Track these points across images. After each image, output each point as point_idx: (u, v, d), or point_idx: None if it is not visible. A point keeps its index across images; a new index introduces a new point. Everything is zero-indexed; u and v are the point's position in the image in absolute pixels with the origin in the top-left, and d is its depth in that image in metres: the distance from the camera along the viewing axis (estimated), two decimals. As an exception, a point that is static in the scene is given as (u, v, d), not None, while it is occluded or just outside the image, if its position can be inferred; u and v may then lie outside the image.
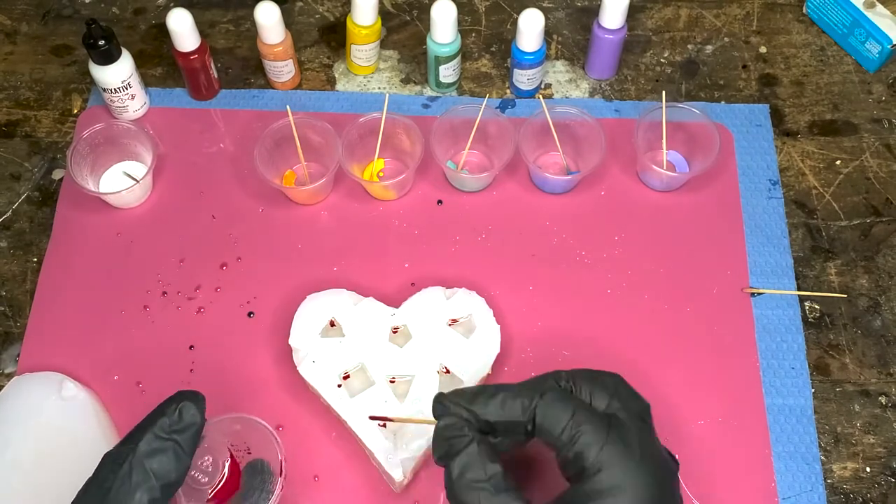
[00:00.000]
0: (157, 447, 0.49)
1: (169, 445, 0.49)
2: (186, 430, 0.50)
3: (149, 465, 0.48)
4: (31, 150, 0.84)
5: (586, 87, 0.87)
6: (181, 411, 0.50)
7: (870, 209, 0.80)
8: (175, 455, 0.49)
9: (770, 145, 0.83)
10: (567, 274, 0.76)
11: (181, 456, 0.50)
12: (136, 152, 0.80)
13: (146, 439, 0.49)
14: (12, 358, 0.73)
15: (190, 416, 0.51)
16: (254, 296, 0.75)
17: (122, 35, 0.89)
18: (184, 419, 0.50)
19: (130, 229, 0.78)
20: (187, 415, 0.50)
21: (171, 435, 0.50)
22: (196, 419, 0.51)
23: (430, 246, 0.77)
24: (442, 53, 0.81)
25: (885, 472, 0.68)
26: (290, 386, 0.70)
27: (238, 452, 0.60)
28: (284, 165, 0.80)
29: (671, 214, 0.79)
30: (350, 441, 0.68)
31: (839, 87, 0.87)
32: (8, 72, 0.89)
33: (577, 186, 0.80)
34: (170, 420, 0.50)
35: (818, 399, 0.71)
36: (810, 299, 0.75)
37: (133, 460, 0.48)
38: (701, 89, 0.87)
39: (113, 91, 0.80)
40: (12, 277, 0.77)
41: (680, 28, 0.91)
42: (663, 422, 0.69)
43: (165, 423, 0.50)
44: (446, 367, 0.67)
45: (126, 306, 0.74)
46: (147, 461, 0.49)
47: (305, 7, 0.93)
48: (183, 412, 0.50)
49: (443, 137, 0.78)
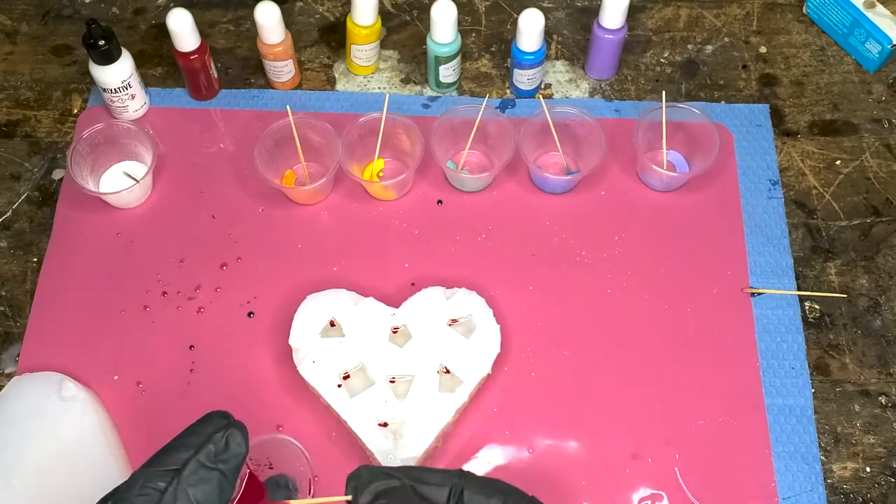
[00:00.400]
0: (203, 476, 0.47)
1: (214, 476, 0.48)
2: (231, 461, 0.48)
3: (193, 493, 0.47)
4: (31, 150, 0.84)
5: (586, 87, 0.87)
6: (228, 441, 0.49)
7: (870, 209, 0.80)
8: (219, 485, 0.48)
9: (770, 145, 0.83)
10: (567, 274, 0.76)
11: (224, 486, 0.48)
12: (136, 152, 0.80)
13: (191, 467, 0.47)
14: (12, 358, 0.73)
15: (236, 446, 0.49)
16: (254, 296, 0.75)
17: (122, 35, 0.89)
18: (230, 449, 0.49)
19: (130, 229, 0.78)
20: (234, 444, 0.49)
21: (216, 465, 0.48)
22: (242, 449, 0.49)
23: (430, 246, 0.77)
24: (442, 53, 0.81)
25: (885, 472, 0.68)
26: (290, 386, 0.70)
27: (258, 467, 0.59)
28: (284, 165, 0.80)
29: (671, 214, 0.79)
30: (350, 441, 0.68)
31: (839, 87, 0.87)
32: (8, 72, 0.89)
33: (577, 186, 0.80)
34: (216, 448, 0.48)
35: (818, 399, 0.71)
36: (810, 299, 0.75)
37: (178, 488, 0.47)
38: (701, 89, 0.87)
39: (113, 91, 0.80)
40: (12, 277, 0.77)
41: (680, 28, 0.91)
42: (663, 422, 0.69)
43: (212, 451, 0.48)
44: (446, 367, 0.67)
45: (126, 306, 0.74)
46: (191, 490, 0.47)
47: (305, 7, 0.93)
48: (230, 441, 0.49)
49: (443, 137, 0.78)
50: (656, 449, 0.68)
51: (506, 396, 0.70)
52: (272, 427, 0.69)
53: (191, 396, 0.70)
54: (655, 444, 0.68)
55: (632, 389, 0.70)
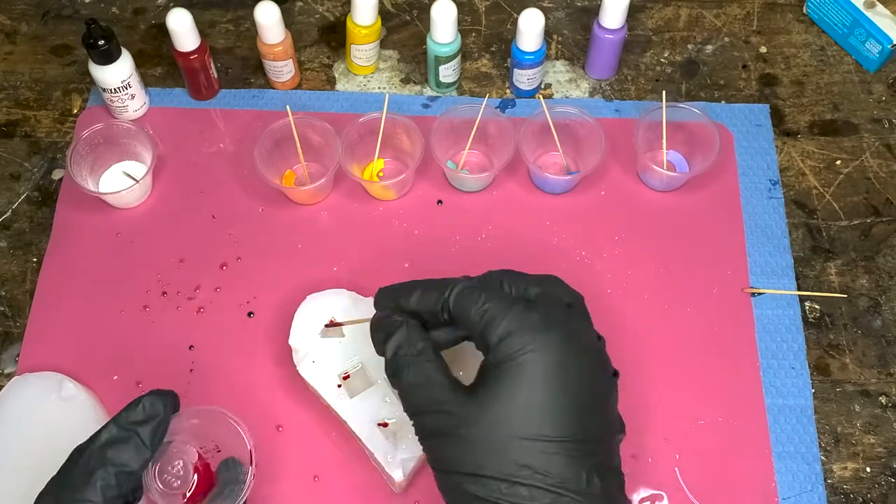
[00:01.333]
0: (118, 436, 0.51)
1: (129, 436, 0.51)
2: (148, 423, 0.52)
3: (108, 453, 0.50)
4: (30, 150, 0.84)
5: (586, 87, 0.87)
6: (144, 405, 0.52)
7: (870, 209, 0.80)
8: (135, 446, 0.51)
9: (770, 145, 0.83)
10: (567, 274, 0.75)
11: (140, 448, 0.51)
12: (136, 152, 0.80)
13: (107, 429, 0.52)
14: (12, 358, 0.73)
15: (152, 409, 0.52)
16: (254, 296, 0.75)
17: (121, 35, 0.89)
18: (146, 411, 0.52)
19: (130, 229, 0.78)
20: (150, 408, 0.52)
21: (131, 426, 0.52)
22: (158, 412, 0.53)
23: (430, 246, 0.77)
24: (442, 53, 0.81)
25: (886, 472, 0.68)
26: (290, 386, 0.70)
27: (207, 453, 0.60)
28: (284, 165, 0.80)
29: (671, 214, 0.79)
30: (350, 441, 0.68)
31: (839, 87, 0.87)
32: (8, 72, 0.89)
33: (577, 186, 0.80)
34: (132, 413, 0.52)
35: (818, 399, 0.71)
36: (810, 299, 0.75)
37: (93, 448, 0.51)
38: (701, 89, 0.87)
39: (113, 91, 0.80)
40: (12, 277, 0.77)
41: (680, 28, 0.91)
42: (663, 422, 0.69)
43: (127, 415, 0.52)
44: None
45: (126, 306, 0.74)
46: (106, 450, 0.51)
47: (305, 7, 0.93)
48: (146, 405, 0.52)
49: (443, 137, 0.78)
50: (656, 449, 0.68)
51: (506, 396, 0.70)
52: (272, 427, 0.69)
53: (191, 396, 0.70)
54: (655, 443, 0.68)
55: (632, 389, 0.70)
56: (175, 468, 0.56)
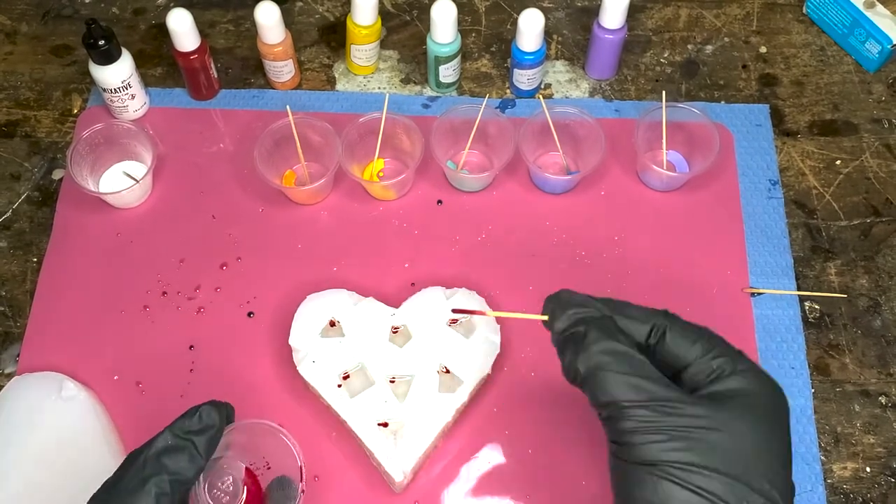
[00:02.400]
0: (173, 445, 0.51)
1: (185, 444, 0.51)
2: (204, 432, 0.52)
3: (163, 460, 0.50)
4: (31, 150, 0.84)
5: (586, 87, 0.87)
6: (202, 414, 0.52)
7: (870, 209, 0.80)
8: (189, 455, 0.51)
9: (770, 145, 0.83)
10: (567, 274, 0.76)
11: (195, 456, 0.51)
12: (136, 152, 0.80)
13: (163, 436, 0.51)
14: (12, 358, 0.73)
15: (209, 419, 0.52)
16: (254, 296, 0.75)
17: (121, 35, 0.89)
18: (202, 421, 0.52)
19: (130, 229, 0.78)
20: (206, 417, 0.52)
21: (187, 435, 0.51)
22: (214, 422, 0.53)
23: (430, 246, 0.77)
24: (442, 53, 0.81)
25: (885, 472, 0.68)
26: (290, 386, 0.70)
27: (257, 470, 0.61)
28: (284, 165, 0.80)
29: (671, 214, 0.79)
30: (350, 441, 0.68)
31: (839, 87, 0.87)
32: (8, 72, 0.89)
33: (577, 186, 0.80)
34: (188, 422, 0.52)
35: (818, 399, 0.71)
36: (810, 299, 0.75)
37: (148, 454, 0.50)
38: (701, 89, 0.87)
39: (113, 91, 0.80)
40: (12, 277, 0.77)
41: (680, 28, 0.91)
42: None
43: (184, 424, 0.52)
44: (446, 367, 0.67)
45: (126, 306, 0.74)
46: (162, 457, 0.50)
47: (305, 7, 0.93)
48: (203, 415, 0.52)
49: (443, 137, 0.78)
50: (656, 449, 0.68)
51: (506, 396, 0.70)
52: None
53: (191, 396, 0.70)
54: (655, 444, 0.68)
55: (632, 389, 0.70)
56: (224, 483, 0.57)
